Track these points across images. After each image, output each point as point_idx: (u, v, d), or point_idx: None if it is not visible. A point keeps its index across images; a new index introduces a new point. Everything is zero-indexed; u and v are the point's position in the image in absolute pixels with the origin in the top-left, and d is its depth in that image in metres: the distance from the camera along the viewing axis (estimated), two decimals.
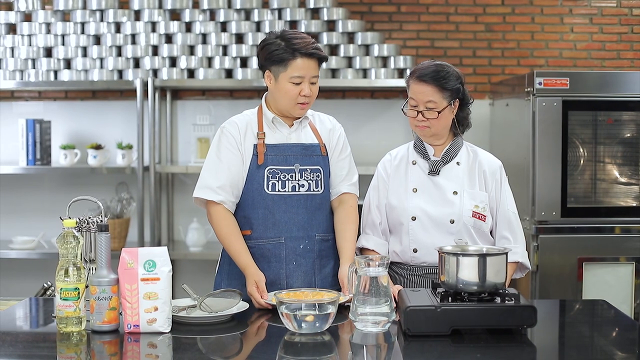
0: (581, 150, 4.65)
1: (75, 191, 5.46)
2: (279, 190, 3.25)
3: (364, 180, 3.51)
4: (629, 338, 2.83)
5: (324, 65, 5.16)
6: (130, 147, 5.36)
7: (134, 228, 5.34)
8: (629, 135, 4.71)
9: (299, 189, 3.27)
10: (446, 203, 3.28)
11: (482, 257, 2.74)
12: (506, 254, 2.78)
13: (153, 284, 2.73)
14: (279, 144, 3.28)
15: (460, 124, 3.35)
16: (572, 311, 3.33)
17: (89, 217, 2.94)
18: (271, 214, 3.25)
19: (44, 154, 5.30)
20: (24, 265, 5.43)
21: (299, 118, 3.33)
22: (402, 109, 3.33)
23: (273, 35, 3.25)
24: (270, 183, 3.25)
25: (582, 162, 4.66)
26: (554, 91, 4.51)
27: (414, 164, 3.37)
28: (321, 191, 3.32)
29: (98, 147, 5.34)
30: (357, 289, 2.73)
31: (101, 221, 2.87)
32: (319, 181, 3.31)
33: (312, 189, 3.29)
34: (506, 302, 2.71)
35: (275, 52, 3.19)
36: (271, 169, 3.25)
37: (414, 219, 3.28)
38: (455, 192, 3.28)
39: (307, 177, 3.28)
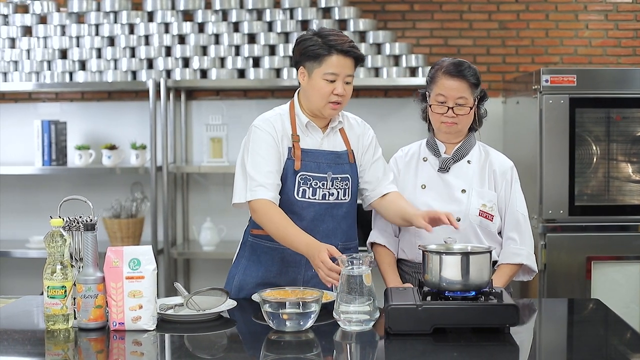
0: (594, 147, 4.60)
1: (91, 191, 5.54)
2: (309, 198, 3.19)
3: None
4: (616, 338, 2.81)
5: None
6: (144, 147, 5.41)
7: (148, 227, 5.39)
8: None
9: (328, 197, 3.22)
10: (453, 201, 3.26)
11: (465, 255, 2.73)
12: (490, 252, 2.77)
13: (138, 282, 2.76)
14: (313, 150, 3.23)
15: (479, 121, 3.34)
16: (558, 310, 3.31)
17: (80, 216, 2.98)
18: (298, 220, 3.16)
19: (59, 155, 5.38)
20: (40, 265, 5.47)
21: (331, 124, 3.26)
22: (429, 105, 3.28)
23: (310, 32, 3.20)
24: (300, 189, 3.19)
25: (595, 159, 4.61)
26: (561, 88, 4.47)
27: (424, 160, 3.36)
28: (348, 200, 3.27)
29: (112, 148, 5.40)
30: (340, 288, 2.74)
31: (91, 220, 2.90)
32: (347, 190, 3.25)
33: (339, 198, 3.24)
34: (489, 301, 2.69)
35: (311, 48, 3.13)
36: (304, 175, 3.19)
37: None
38: (463, 191, 3.26)
39: (337, 186, 3.22)
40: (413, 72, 5.28)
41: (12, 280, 5.66)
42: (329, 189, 3.21)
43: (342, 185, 3.23)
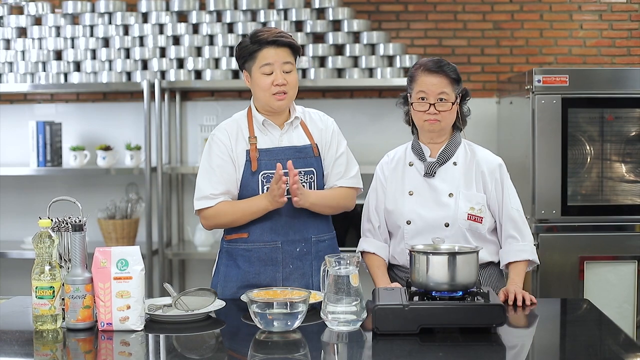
0: (587, 147, 4.60)
1: (86, 192, 5.56)
2: None
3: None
4: (603, 337, 2.81)
5: (329, 64, 5.26)
6: (138, 148, 5.42)
7: (143, 228, 5.39)
8: (634, 132, 4.64)
9: None
10: (441, 206, 3.25)
11: (452, 255, 2.73)
12: (477, 252, 2.77)
13: (125, 282, 2.76)
14: (272, 148, 3.29)
15: (462, 120, 3.33)
16: (546, 310, 3.30)
17: (69, 217, 2.98)
18: (267, 218, 3.25)
19: (54, 156, 5.38)
20: None
21: (288, 120, 3.33)
22: (411, 103, 3.27)
23: (246, 37, 3.31)
24: (265, 188, 3.25)
25: (588, 160, 4.61)
26: (553, 88, 4.47)
27: (410, 165, 3.35)
28: None
29: (107, 149, 5.41)
30: (327, 288, 2.74)
31: (79, 221, 2.91)
32: (312, 183, 3.31)
33: None
34: (476, 301, 2.70)
35: (244, 49, 3.27)
36: (265, 173, 3.25)
37: (409, 222, 3.27)
38: (450, 195, 3.25)
39: (301, 180, 3.26)
40: (407, 72, 5.27)
41: (8, 281, 5.67)
42: None
43: (306, 179, 3.29)
